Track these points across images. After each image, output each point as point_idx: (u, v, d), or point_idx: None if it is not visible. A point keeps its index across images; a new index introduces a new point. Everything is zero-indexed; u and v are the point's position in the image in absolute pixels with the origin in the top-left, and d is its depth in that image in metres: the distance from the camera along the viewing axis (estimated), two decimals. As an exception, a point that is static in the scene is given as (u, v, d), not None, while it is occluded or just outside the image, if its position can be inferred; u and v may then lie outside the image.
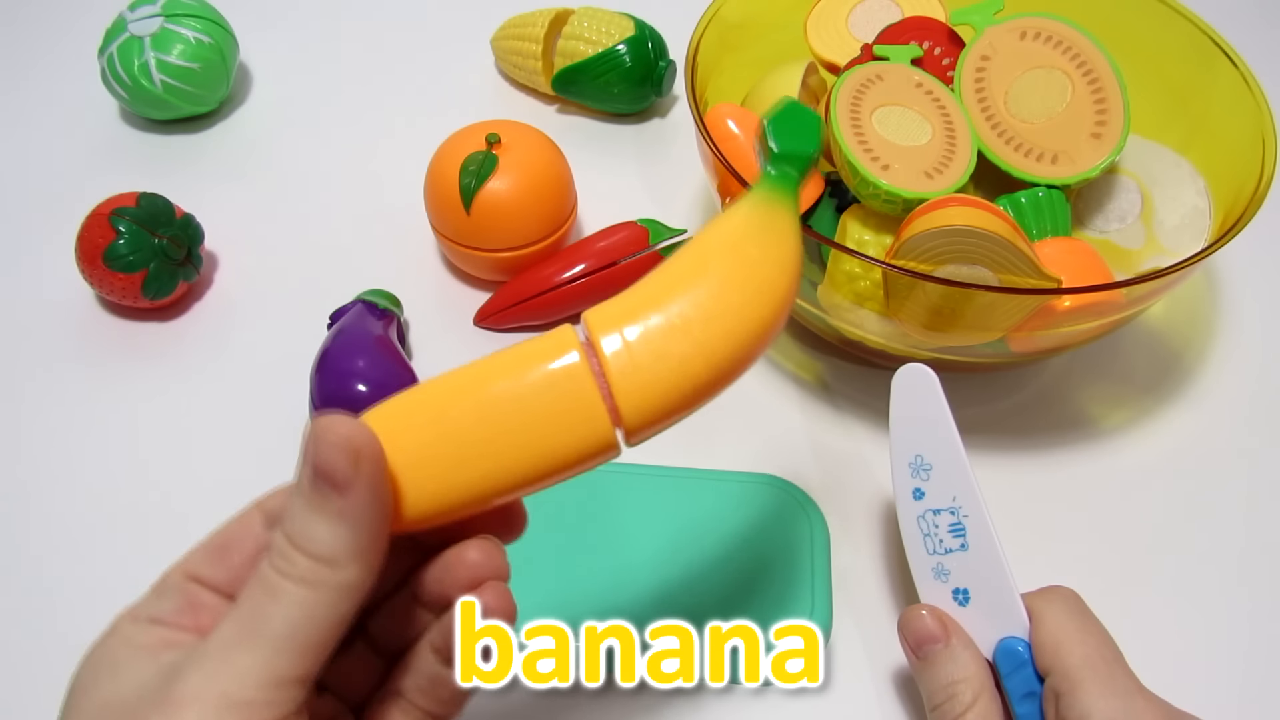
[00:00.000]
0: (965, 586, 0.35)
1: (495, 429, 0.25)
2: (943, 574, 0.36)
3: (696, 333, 0.25)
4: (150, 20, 0.59)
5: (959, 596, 0.36)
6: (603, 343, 0.25)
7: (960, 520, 0.35)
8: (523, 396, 0.25)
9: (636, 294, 0.26)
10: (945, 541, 0.36)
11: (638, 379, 0.25)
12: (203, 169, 0.61)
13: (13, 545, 0.44)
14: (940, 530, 0.36)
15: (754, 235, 0.27)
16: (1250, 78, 0.46)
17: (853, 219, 0.45)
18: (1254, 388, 0.50)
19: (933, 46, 0.48)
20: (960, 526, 0.35)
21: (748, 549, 0.42)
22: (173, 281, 0.51)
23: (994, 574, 0.35)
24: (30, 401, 0.49)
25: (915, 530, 0.36)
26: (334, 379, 0.44)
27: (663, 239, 0.52)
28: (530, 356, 0.25)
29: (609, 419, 0.25)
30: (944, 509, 0.36)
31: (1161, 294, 0.43)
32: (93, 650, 0.25)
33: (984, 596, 0.35)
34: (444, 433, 0.25)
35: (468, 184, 0.49)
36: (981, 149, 0.45)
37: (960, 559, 0.35)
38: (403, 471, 0.25)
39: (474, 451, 0.25)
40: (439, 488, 0.25)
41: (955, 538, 0.35)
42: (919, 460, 0.36)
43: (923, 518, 0.36)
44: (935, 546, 0.36)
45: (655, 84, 0.61)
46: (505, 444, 0.25)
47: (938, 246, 0.40)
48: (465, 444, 0.25)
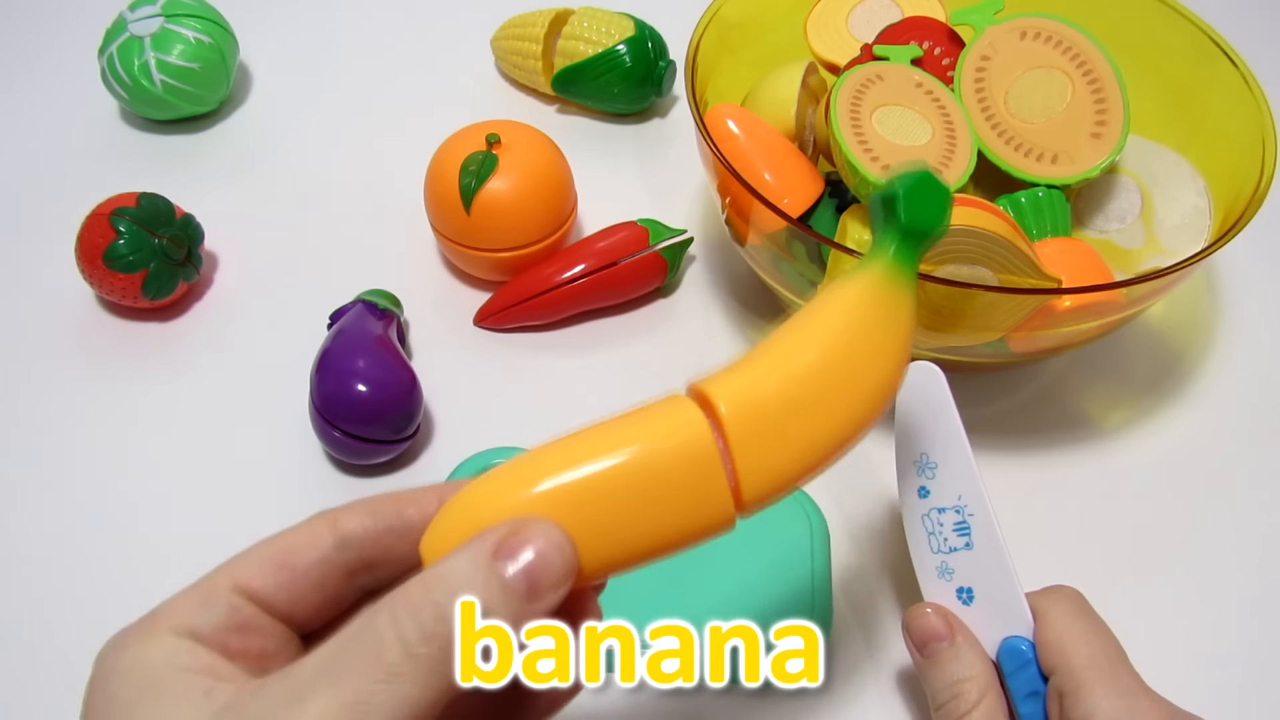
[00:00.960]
0: (969, 585, 0.35)
1: (619, 511, 0.24)
2: (947, 573, 0.36)
3: (820, 419, 0.25)
4: (150, 20, 0.59)
5: (963, 595, 0.35)
6: (727, 422, 0.25)
7: (965, 519, 0.35)
8: (648, 481, 0.24)
9: (758, 367, 0.26)
10: (950, 540, 0.36)
11: (762, 464, 0.25)
12: (203, 169, 0.61)
13: (12, 545, 0.44)
14: (945, 529, 0.36)
15: (880, 319, 0.27)
16: (1250, 78, 0.46)
17: (853, 219, 0.45)
18: (1254, 388, 0.50)
19: (933, 46, 0.48)
20: (965, 525, 0.35)
21: (747, 549, 0.42)
22: (173, 281, 0.51)
23: (999, 573, 0.35)
24: (30, 401, 0.49)
25: (919, 529, 0.36)
26: (334, 379, 0.44)
27: (663, 239, 0.52)
28: (655, 435, 0.24)
29: (733, 502, 0.24)
30: (949, 508, 0.35)
31: (1161, 294, 0.43)
32: (128, 657, 0.23)
33: (988, 595, 0.35)
34: (582, 519, 0.23)
35: (468, 184, 0.49)
36: (981, 149, 0.45)
37: (965, 558, 0.35)
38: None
39: (604, 532, 0.24)
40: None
41: (960, 536, 0.35)
42: (924, 459, 0.36)
43: (927, 516, 0.36)
44: (940, 545, 0.36)
45: (655, 84, 0.61)
46: (629, 524, 0.24)
47: (938, 246, 0.40)
48: (597, 526, 0.24)
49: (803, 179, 0.48)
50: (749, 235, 0.46)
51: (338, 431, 0.44)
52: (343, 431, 0.44)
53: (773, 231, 0.44)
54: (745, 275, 0.55)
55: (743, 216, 0.45)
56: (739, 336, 0.52)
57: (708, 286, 0.55)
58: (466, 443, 0.46)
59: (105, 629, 0.25)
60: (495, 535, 0.22)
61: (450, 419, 0.48)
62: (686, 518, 0.24)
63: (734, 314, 0.53)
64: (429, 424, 0.48)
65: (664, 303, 0.54)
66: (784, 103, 0.50)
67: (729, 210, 0.47)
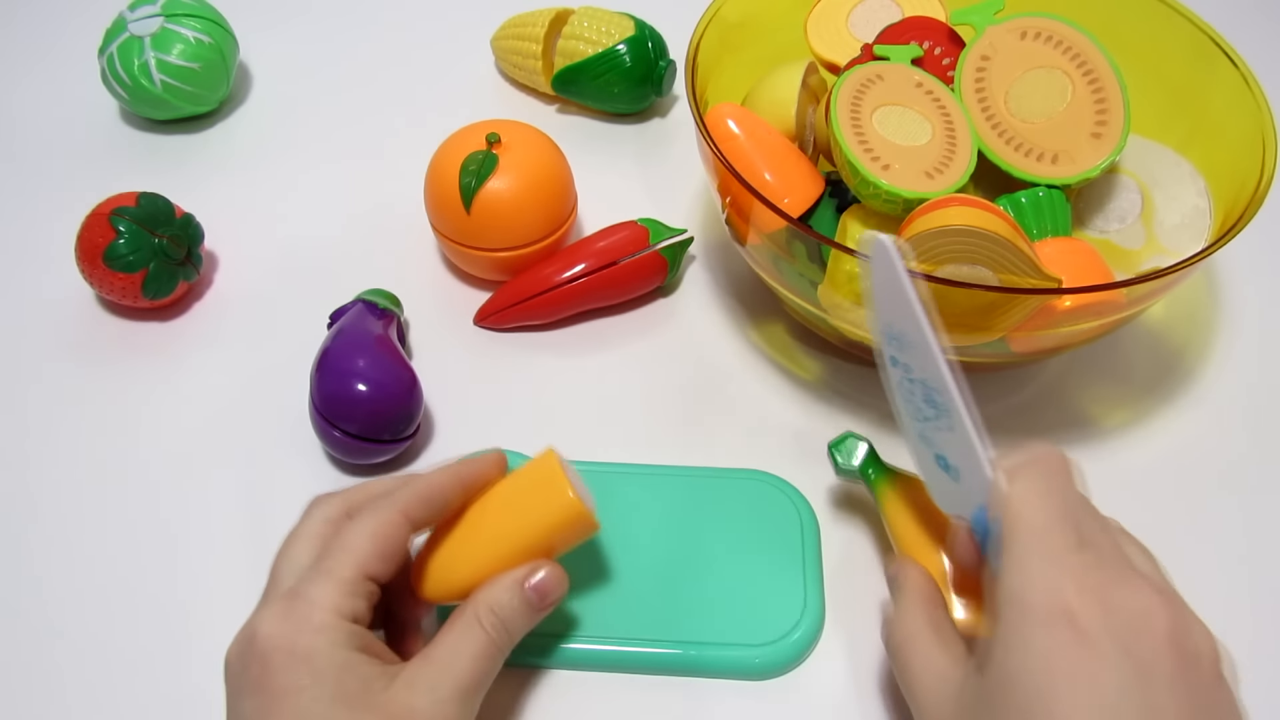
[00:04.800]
0: (944, 455, 0.34)
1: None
2: (927, 441, 0.35)
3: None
4: (150, 20, 0.59)
5: (942, 464, 0.34)
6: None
7: (931, 392, 0.33)
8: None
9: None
10: (923, 410, 0.34)
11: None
12: (203, 169, 0.61)
13: (12, 545, 0.44)
14: (917, 399, 0.34)
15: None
16: (1250, 78, 0.46)
17: (853, 219, 0.45)
18: (1254, 388, 0.50)
19: (933, 46, 0.48)
20: (933, 398, 0.34)
21: (739, 544, 0.42)
22: (173, 281, 0.51)
23: (965, 445, 0.33)
24: (30, 401, 0.49)
25: (899, 397, 0.35)
26: (334, 379, 0.44)
27: (663, 239, 0.52)
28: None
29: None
30: (918, 379, 0.34)
31: (1161, 294, 0.43)
32: (303, 642, 0.31)
33: (961, 466, 0.34)
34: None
35: (468, 184, 0.49)
36: (982, 149, 0.45)
37: (936, 428, 0.34)
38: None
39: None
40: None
41: (929, 407, 0.34)
42: (890, 328, 0.34)
43: (901, 384, 0.35)
44: (916, 413, 0.35)
45: (655, 84, 0.61)
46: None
47: (938, 246, 0.40)
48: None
49: (803, 179, 0.48)
50: (749, 235, 0.46)
51: (338, 431, 0.44)
52: (343, 431, 0.44)
53: (773, 231, 0.44)
54: (745, 275, 0.55)
55: (743, 216, 0.45)
56: (739, 336, 0.52)
57: (708, 286, 0.55)
58: (466, 442, 0.46)
59: (105, 628, 0.25)
60: (522, 571, 0.36)
61: (450, 419, 0.48)
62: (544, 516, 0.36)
63: (734, 314, 0.53)
64: (429, 424, 0.48)
65: (664, 303, 0.54)
66: (784, 103, 0.50)
67: (729, 210, 0.47)
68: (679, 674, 0.39)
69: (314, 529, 0.35)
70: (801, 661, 0.40)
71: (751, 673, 0.39)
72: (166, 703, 0.39)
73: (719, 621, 0.40)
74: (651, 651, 0.39)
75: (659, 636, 0.39)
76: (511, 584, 0.35)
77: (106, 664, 0.40)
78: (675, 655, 0.39)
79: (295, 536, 0.35)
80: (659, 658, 0.39)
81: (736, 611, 0.40)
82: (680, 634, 0.39)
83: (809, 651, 0.40)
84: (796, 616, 0.40)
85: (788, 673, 0.40)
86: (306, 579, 0.33)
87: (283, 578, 0.34)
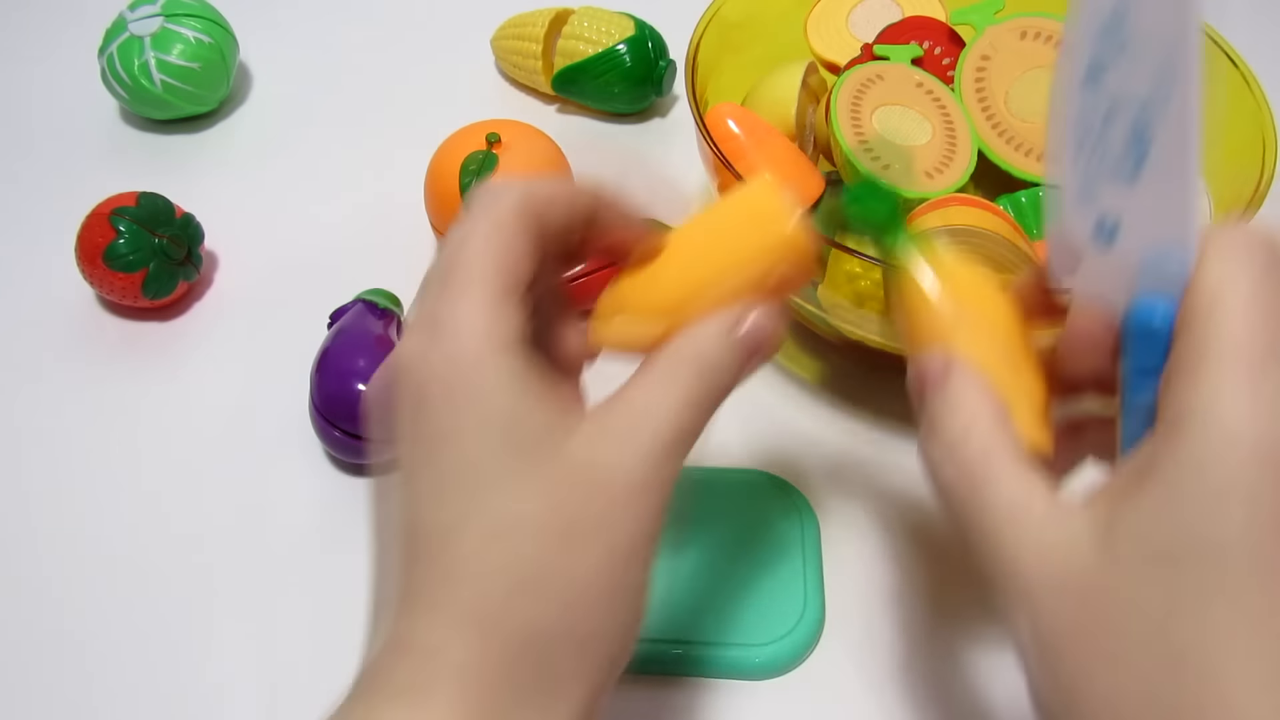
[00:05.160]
0: (1117, 219, 0.25)
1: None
2: (1092, 195, 0.26)
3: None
4: (150, 20, 0.59)
5: (1103, 233, 0.26)
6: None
7: (1146, 129, 0.24)
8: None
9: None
10: (1113, 149, 0.25)
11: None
12: (203, 169, 0.61)
13: (12, 545, 0.44)
14: (1114, 131, 0.25)
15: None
16: (1250, 78, 0.46)
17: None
18: (1254, 387, 0.50)
19: (933, 46, 0.48)
20: (1144, 133, 0.24)
21: (739, 544, 0.42)
22: (173, 281, 0.51)
23: (1165, 199, 0.24)
24: (30, 401, 0.49)
25: (1077, 124, 0.26)
26: (334, 379, 0.44)
27: (663, 239, 0.52)
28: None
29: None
30: (1133, 99, 0.24)
31: (1162, 294, 0.42)
32: (457, 376, 0.25)
33: (1138, 235, 0.25)
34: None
35: (468, 183, 0.49)
36: (982, 148, 0.45)
37: (1122, 174, 0.25)
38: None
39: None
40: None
41: (1134, 143, 0.24)
42: (1116, 21, 0.24)
43: (1092, 109, 0.25)
44: (1098, 153, 0.25)
45: (655, 84, 0.61)
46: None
47: (938, 246, 0.40)
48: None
49: (803, 179, 0.48)
50: (749, 235, 0.46)
51: (338, 431, 0.44)
52: (343, 431, 0.44)
53: (773, 231, 0.44)
54: (745, 275, 0.55)
55: (743, 216, 0.45)
56: (739, 336, 0.52)
57: (708, 286, 0.55)
58: (466, 442, 0.46)
59: (105, 626, 0.25)
60: (730, 316, 0.29)
61: (450, 419, 0.48)
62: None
63: (734, 314, 0.53)
64: (429, 424, 0.48)
65: (664, 303, 0.54)
66: (784, 102, 0.50)
67: (729, 210, 0.47)
68: (678, 673, 0.39)
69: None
70: (801, 661, 0.40)
71: (751, 672, 0.39)
72: (167, 702, 0.39)
73: (719, 621, 0.40)
74: (651, 651, 0.39)
75: (658, 636, 0.39)
76: (719, 330, 0.28)
77: (106, 664, 0.40)
78: (675, 655, 0.39)
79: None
80: (659, 657, 0.39)
81: (736, 611, 0.40)
82: (680, 633, 0.39)
83: (809, 651, 0.40)
84: (796, 616, 0.40)
85: (788, 673, 0.40)
86: (440, 297, 0.27)
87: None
